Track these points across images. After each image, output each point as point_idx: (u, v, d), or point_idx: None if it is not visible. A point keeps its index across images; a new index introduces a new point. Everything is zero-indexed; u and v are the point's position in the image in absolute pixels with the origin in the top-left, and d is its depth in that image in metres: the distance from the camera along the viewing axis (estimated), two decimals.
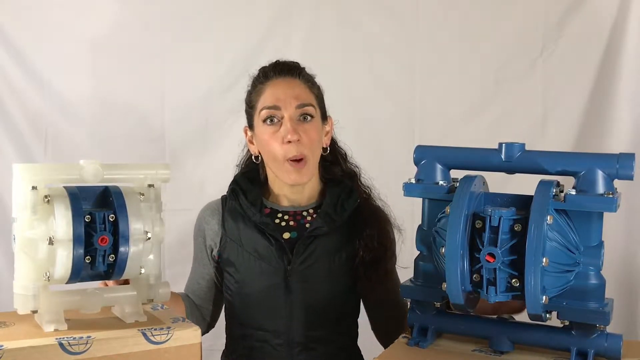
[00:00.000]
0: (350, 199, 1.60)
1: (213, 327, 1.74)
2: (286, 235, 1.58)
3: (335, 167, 1.67)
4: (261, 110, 1.56)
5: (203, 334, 1.68)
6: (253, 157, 1.65)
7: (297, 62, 1.62)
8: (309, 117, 1.55)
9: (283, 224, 1.61)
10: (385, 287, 1.63)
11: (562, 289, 1.17)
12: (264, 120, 1.55)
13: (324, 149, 1.62)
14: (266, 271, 1.56)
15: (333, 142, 1.68)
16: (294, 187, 1.59)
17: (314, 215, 1.61)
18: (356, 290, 1.62)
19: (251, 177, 1.65)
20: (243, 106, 2.35)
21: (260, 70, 1.62)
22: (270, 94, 1.55)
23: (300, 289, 1.55)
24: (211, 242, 1.65)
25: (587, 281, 1.17)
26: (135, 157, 2.46)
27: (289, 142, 1.51)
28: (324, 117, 1.62)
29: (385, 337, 1.65)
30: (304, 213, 1.62)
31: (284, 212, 1.62)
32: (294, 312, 1.55)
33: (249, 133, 1.64)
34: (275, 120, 1.54)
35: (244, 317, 1.60)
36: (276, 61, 1.61)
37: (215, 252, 1.64)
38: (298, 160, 1.53)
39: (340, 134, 1.72)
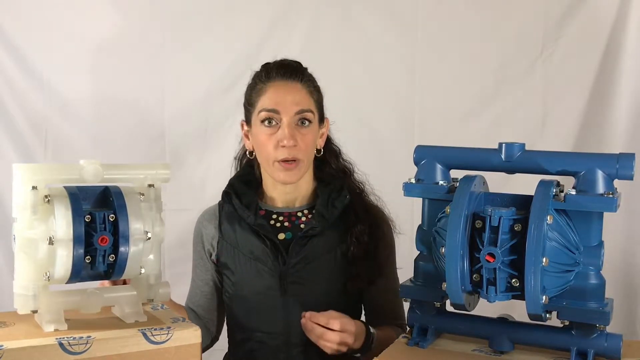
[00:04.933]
0: (340, 197, 1.60)
1: (217, 339, 1.73)
2: (281, 236, 1.59)
3: (327, 165, 1.67)
4: (260, 111, 1.56)
5: (209, 347, 1.68)
6: (247, 152, 1.65)
7: (299, 63, 1.61)
8: (307, 122, 1.55)
9: (278, 225, 1.61)
10: (378, 287, 1.62)
11: (562, 289, 1.17)
12: (262, 121, 1.55)
13: (318, 150, 1.62)
14: (262, 272, 1.57)
15: (327, 140, 1.68)
16: (286, 186, 1.60)
17: (309, 216, 1.62)
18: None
19: (247, 180, 1.66)
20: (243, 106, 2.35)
21: (262, 67, 1.61)
22: (270, 97, 1.55)
23: (296, 289, 1.55)
24: (209, 246, 1.66)
25: (587, 281, 1.17)
26: (135, 157, 2.46)
27: (284, 146, 1.52)
28: (322, 119, 1.63)
29: None
30: (299, 214, 1.63)
31: (279, 214, 1.62)
32: (291, 313, 1.55)
33: (246, 127, 1.64)
34: (274, 122, 1.55)
35: (242, 320, 1.61)
36: (280, 61, 1.61)
37: (213, 256, 1.65)
38: (290, 162, 1.54)
39: (341, 133, 1.72)
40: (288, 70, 1.57)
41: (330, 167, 1.67)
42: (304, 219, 1.62)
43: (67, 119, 2.52)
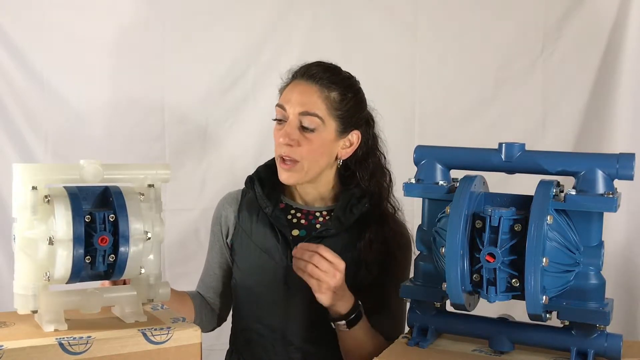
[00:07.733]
0: (359, 204, 1.59)
1: (225, 319, 1.75)
2: (295, 232, 1.60)
3: (352, 179, 1.63)
4: (276, 106, 1.58)
5: (214, 327, 1.70)
6: None
7: (330, 68, 1.59)
8: (311, 126, 1.53)
9: (295, 220, 1.62)
10: (382, 314, 1.59)
11: (562, 289, 1.17)
12: (275, 117, 1.57)
13: (339, 161, 1.60)
14: (269, 266, 1.58)
15: (364, 158, 1.64)
16: (302, 185, 1.60)
17: (327, 218, 1.62)
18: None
19: (275, 170, 1.63)
20: (243, 106, 2.37)
21: (299, 66, 1.61)
22: (285, 94, 1.57)
23: (299, 287, 1.54)
24: (225, 230, 1.67)
25: (587, 281, 1.17)
26: (135, 157, 2.46)
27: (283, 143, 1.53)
28: (346, 129, 1.58)
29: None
30: (317, 214, 1.63)
31: (297, 210, 1.64)
32: (291, 310, 1.56)
33: None
34: (282, 119, 1.55)
35: (244, 309, 1.63)
36: (313, 62, 1.59)
37: (228, 240, 1.67)
38: (286, 162, 1.54)
39: None
40: (310, 72, 1.56)
41: (358, 184, 1.61)
42: (321, 219, 1.62)
43: (67, 119, 2.52)
